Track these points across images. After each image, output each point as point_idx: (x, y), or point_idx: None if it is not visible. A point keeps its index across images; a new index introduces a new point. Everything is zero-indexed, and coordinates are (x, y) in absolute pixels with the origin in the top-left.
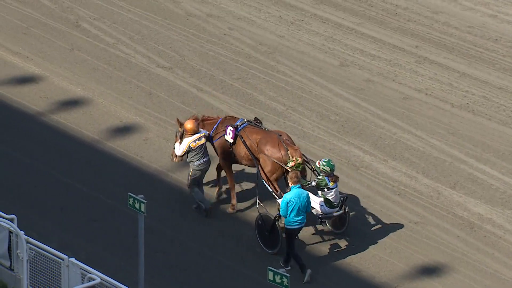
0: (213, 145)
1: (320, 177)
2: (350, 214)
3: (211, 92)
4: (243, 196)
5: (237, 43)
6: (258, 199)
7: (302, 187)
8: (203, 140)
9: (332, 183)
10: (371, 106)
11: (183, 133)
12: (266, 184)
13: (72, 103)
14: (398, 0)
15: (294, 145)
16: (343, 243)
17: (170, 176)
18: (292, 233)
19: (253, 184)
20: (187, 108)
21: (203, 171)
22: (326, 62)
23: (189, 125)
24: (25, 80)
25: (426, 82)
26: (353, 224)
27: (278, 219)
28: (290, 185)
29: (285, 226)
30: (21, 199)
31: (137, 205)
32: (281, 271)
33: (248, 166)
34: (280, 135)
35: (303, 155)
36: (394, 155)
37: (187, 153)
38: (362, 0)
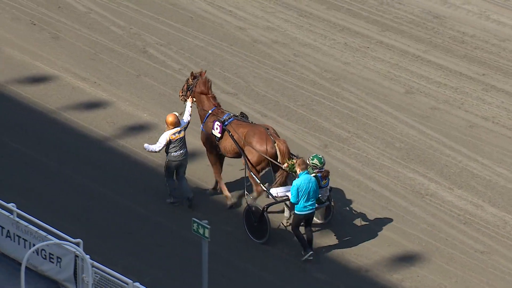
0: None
1: (312, 174)
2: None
3: (275, 118)
4: (231, 187)
5: (302, 70)
6: (246, 190)
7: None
8: (182, 134)
9: (324, 181)
10: (437, 133)
11: (192, 86)
12: (255, 176)
13: (138, 128)
14: (465, 27)
15: (280, 137)
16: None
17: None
18: (300, 219)
19: (241, 176)
20: None
21: (180, 162)
22: (392, 89)
23: (170, 118)
24: (92, 105)
25: (493, 110)
26: (416, 250)
27: (266, 210)
28: (298, 172)
29: (295, 212)
30: (86, 223)
31: (201, 231)
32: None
33: (233, 158)
34: (268, 129)
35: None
36: (460, 184)
37: (167, 145)
38: (429, 28)
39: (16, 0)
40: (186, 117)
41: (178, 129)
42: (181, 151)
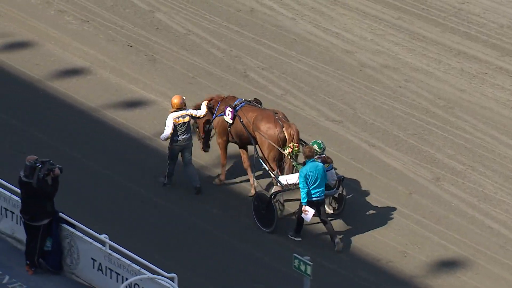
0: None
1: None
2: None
3: (383, 148)
4: (240, 174)
5: (413, 96)
6: (254, 178)
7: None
8: (187, 119)
9: (326, 165)
10: None
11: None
12: (263, 163)
13: (239, 156)
14: None
15: (289, 121)
16: None
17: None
18: (311, 206)
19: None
20: (357, 165)
21: (183, 147)
22: None
23: (175, 99)
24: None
25: None
26: None
27: (274, 198)
28: (304, 159)
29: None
30: (181, 257)
31: (302, 267)
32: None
33: (245, 144)
34: (276, 113)
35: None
36: None
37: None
38: None
39: (112, 20)
40: (200, 111)
41: (182, 112)
42: (183, 136)
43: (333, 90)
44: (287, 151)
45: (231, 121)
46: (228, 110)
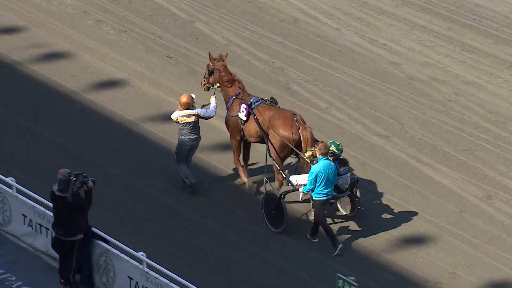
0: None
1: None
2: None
3: (432, 165)
4: (251, 174)
5: (463, 111)
6: (266, 177)
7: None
8: (192, 119)
9: (343, 168)
10: None
11: (213, 70)
12: (274, 161)
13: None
14: None
15: (306, 124)
16: None
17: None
18: (320, 206)
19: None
20: (405, 181)
21: (190, 147)
22: None
23: (183, 98)
24: (229, 146)
25: None
26: None
27: (283, 197)
28: (317, 156)
29: (313, 198)
30: (222, 275)
31: None
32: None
33: (256, 143)
34: (294, 114)
35: (314, 137)
36: None
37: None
38: None
39: (150, 30)
40: (209, 111)
41: (188, 112)
42: (189, 137)
43: (380, 104)
44: (307, 154)
45: (245, 118)
46: (243, 107)
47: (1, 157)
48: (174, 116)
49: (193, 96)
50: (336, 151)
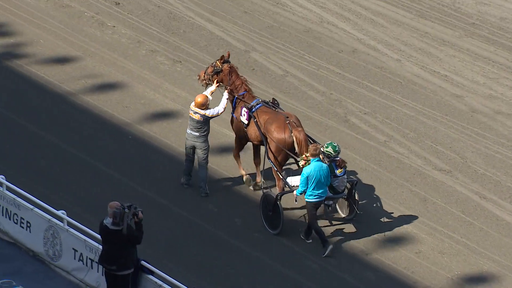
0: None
1: (326, 163)
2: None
3: (496, 201)
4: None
5: None
6: (263, 179)
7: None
8: (197, 116)
9: (340, 170)
10: None
11: (220, 71)
12: (272, 165)
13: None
14: None
15: (300, 127)
16: None
17: None
18: (312, 207)
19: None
20: (467, 218)
21: (192, 144)
22: None
23: (198, 99)
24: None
25: None
26: None
27: (280, 199)
28: (309, 158)
29: (306, 200)
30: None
31: None
32: None
33: (260, 145)
34: (287, 117)
35: (308, 136)
36: None
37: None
38: None
39: (205, 60)
40: (217, 107)
41: (198, 110)
42: (191, 132)
43: (441, 137)
44: (301, 163)
45: (246, 122)
46: (244, 110)
47: (52, 188)
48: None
49: (210, 98)
50: (333, 153)
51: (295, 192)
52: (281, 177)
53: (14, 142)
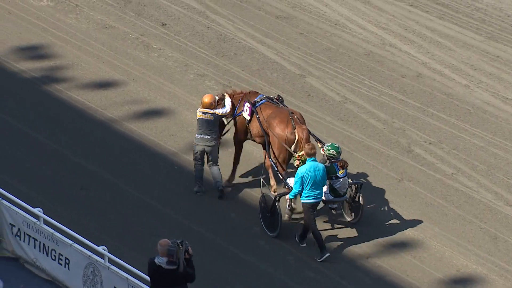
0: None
1: (327, 164)
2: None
3: None
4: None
5: None
6: (263, 179)
7: None
8: (207, 116)
9: (341, 171)
10: None
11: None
12: (273, 163)
13: (399, 245)
14: None
15: (304, 125)
16: None
17: None
18: (309, 209)
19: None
20: None
21: (203, 149)
22: None
23: (206, 99)
24: (342, 215)
25: None
26: None
27: (278, 200)
28: (303, 158)
29: (302, 201)
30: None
31: None
32: None
33: (261, 143)
34: (292, 113)
35: (313, 135)
36: None
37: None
38: None
39: (257, 85)
40: (226, 108)
41: (207, 110)
42: (202, 136)
43: None
44: (295, 163)
45: (248, 117)
46: (247, 106)
47: (93, 221)
48: (197, 111)
49: (217, 98)
50: (335, 154)
51: (287, 196)
52: (281, 176)
53: (53, 171)
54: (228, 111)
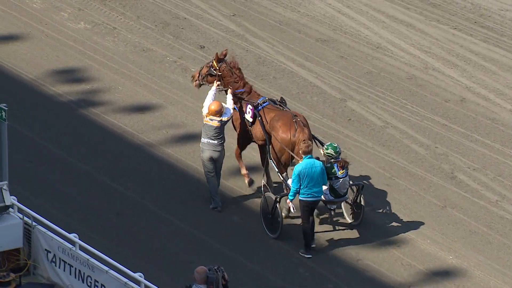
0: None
1: (328, 164)
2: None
3: None
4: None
5: None
6: (264, 180)
7: None
8: (215, 123)
9: (341, 171)
10: None
11: (214, 74)
12: (274, 164)
13: (443, 273)
14: None
15: (306, 127)
16: None
17: None
18: (305, 207)
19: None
20: None
21: (210, 155)
22: None
23: (212, 106)
24: (386, 243)
25: None
26: None
27: (279, 201)
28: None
29: (299, 199)
30: None
31: None
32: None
33: (264, 145)
34: (296, 115)
35: (314, 136)
36: None
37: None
38: None
39: (297, 109)
40: (229, 111)
41: (214, 117)
42: (208, 140)
43: None
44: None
45: (251, 120)
46: (249, 108)
47: (129, 249)
48: (204, 114)
49: (224, 105)
50: (334, 154)
51: (288, 201)
52: (282, 177)
53: (89, 196)
54: (231, 112)
